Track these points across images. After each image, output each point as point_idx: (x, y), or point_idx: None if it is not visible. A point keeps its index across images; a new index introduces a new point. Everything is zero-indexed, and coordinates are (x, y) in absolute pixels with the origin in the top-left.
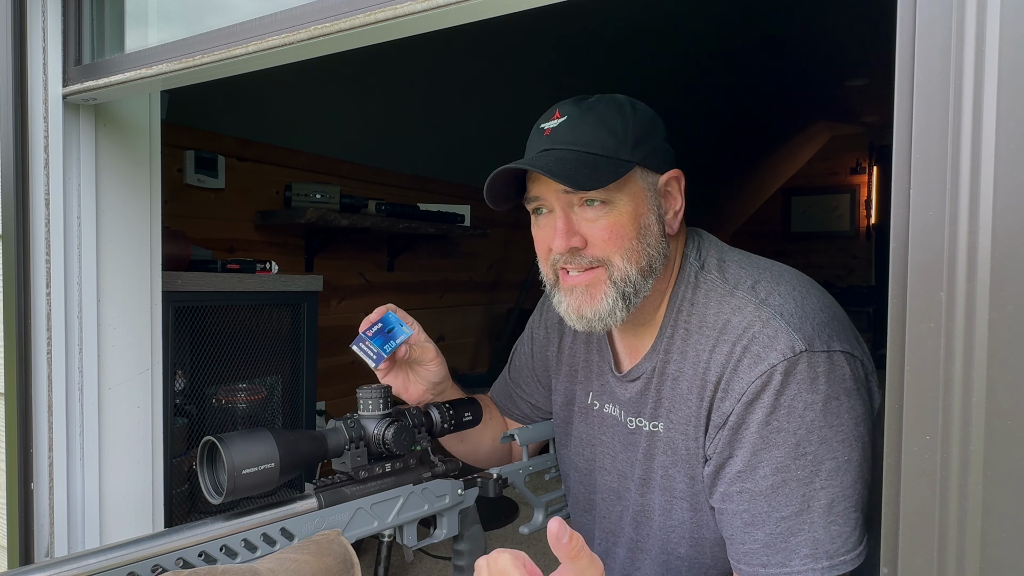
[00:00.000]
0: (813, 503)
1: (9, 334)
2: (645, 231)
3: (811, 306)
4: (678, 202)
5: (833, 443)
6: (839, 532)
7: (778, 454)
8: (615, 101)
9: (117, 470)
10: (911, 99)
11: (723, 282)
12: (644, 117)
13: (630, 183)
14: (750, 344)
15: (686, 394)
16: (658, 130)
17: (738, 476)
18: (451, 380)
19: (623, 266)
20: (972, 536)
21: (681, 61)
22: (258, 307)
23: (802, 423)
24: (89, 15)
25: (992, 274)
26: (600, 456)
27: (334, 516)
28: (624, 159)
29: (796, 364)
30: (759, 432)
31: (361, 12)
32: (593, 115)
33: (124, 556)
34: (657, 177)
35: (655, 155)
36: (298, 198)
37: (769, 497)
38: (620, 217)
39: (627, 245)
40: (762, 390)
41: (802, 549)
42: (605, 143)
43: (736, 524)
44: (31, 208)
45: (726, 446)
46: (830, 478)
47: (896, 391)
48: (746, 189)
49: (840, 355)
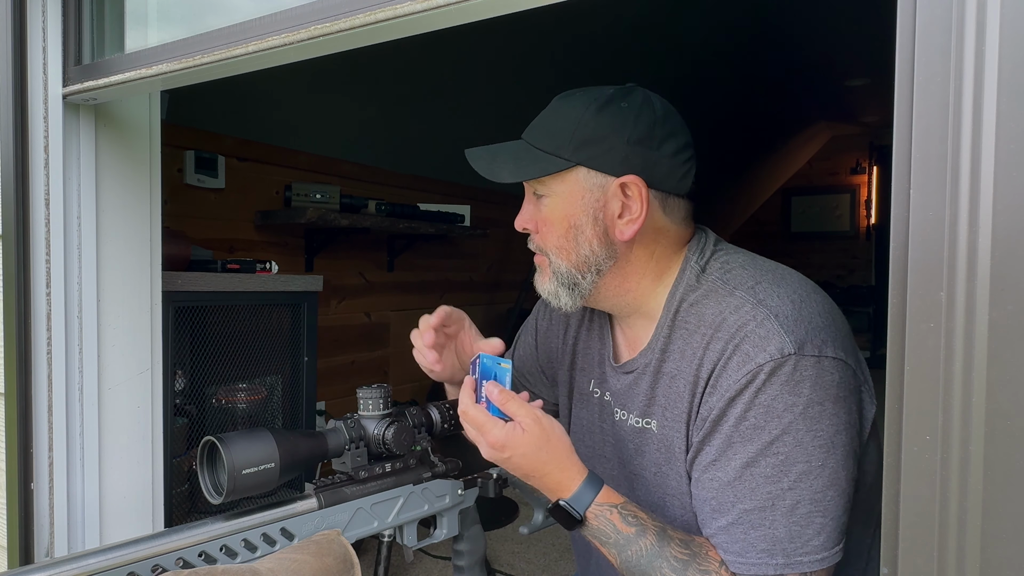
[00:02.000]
0: (778, 502)
1: (9, 334)
2: (576, 232)
3: (809, 310)
4: (633, 209)
5: (809, 447)
6: (800, 533)
7: (750, 448)
8: (594, 96)
9: (117, 470)
10: (911, 99)
11: (724, 283)
12: (612, 117)
13: (568, 181)
14: (741, 343)
15: (682, 391)
16: (627, 131)
17: (711, 464)
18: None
19: (556, 260)
20: (972, 536)
21: (681, 61)
22: (258, 307)
23: (779, 423)
24: (89, 15)
25: (992, 274)
26: (599, 444)
27: (334, 516)
28: (563, 157)
29: (782, 366)
30: (735, 426)
31: (361, 12)
32: (558, 110)
33: (124, 556)
34: (609, 179)
35: (607, 157)
36: (298, 198)
37: (735, 487)
38: (551, 213)
39: (555, 241)
40: (745, 387)
41: (760, 543)
42: (551, 138)
43: (705, 510)
44: (31, 208)
45: (705, 436)
46: (799, 480)
47: (896, 391)
48: (746, 189)
49: (831, 361)
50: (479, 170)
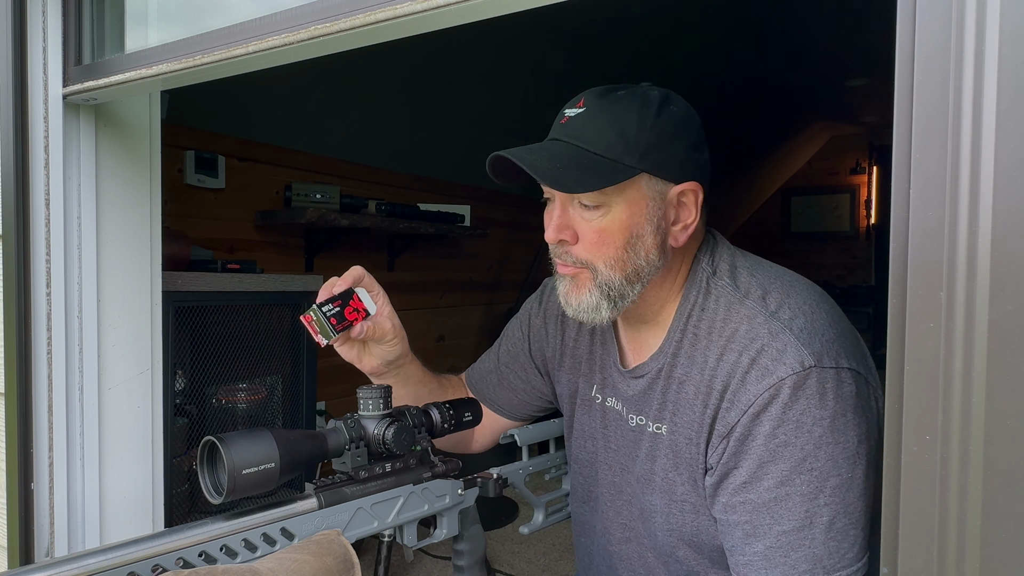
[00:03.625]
0: (816, 519)
1: (9, 334)
2: (636, 241)
3: (821, 321)
4: (691, 215)
5: (839, 460)
6: (838, 548)
7: (783, 467)
8: (641, 99)
9: (117, 470)
10: (911, 99)
11: (734, 289)
12: (669, 121)
13: (631, 189)
14: (758, 356)
15: (691, 399)
16: (685, 136)
17: (742, 487)
18: (411, 355)
19: (606, 272)
20: (972, 536)
21: (681, 60)
22: (258, 307)
23: (810, 438)
24: (89, 15)
25: (992, 274)
26: (601, 450)
27: (334, 516)
28: (628, 164)
29: (806, 379)
30: (765, 444)
31: (361, 12)
32: (610, 112)
33: (124, 556)
34: (669, 186)
35: (669, 163)
36: (298, 198)
37: (771, 509)
38: (612, 223)
39: (612, 253)
40: (770, 403)
41: (801, 564)
42: (612, 144)
43: (737, 535)
44: (31, 208)
45: (731, 457)
46: (834, 495)
47: (896, 391)
48: (746, 189)
49: (847, 372)
50: (540, 177)
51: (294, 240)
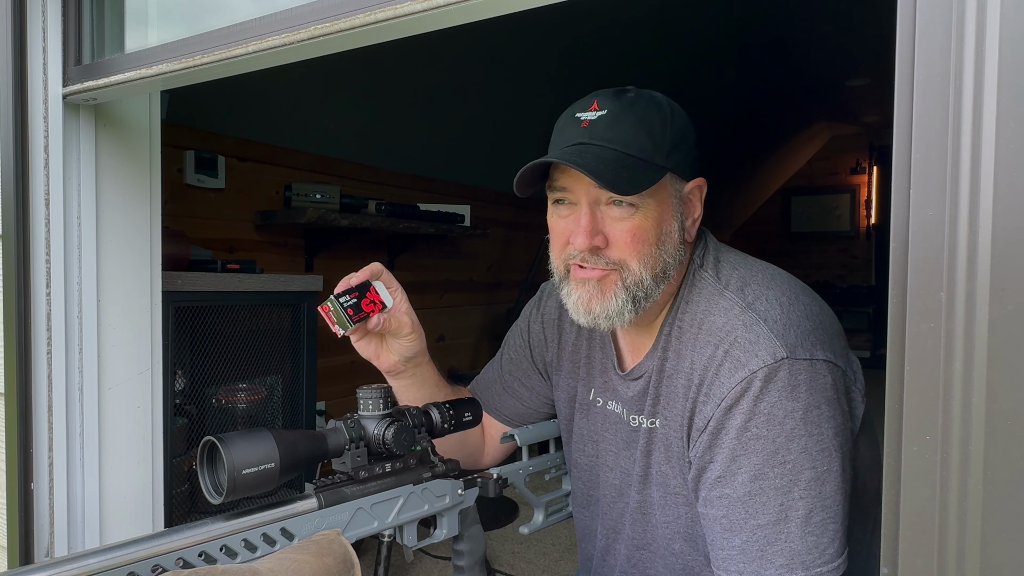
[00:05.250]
0: (791, 512)
1: (9, 334)
2: (666, 237)
3: (797, 313)
4: (697, 210)
5: (813, 452)
6: (816, 543)
7: (756, 460)
8: (655, 100)
9: (117, 470)
10: (911, 99)
11: (715, 280)
12: (681, 121)
13: (660, 188)
14: (731, 348)
15: (677, 390)
16: (691, 134)
17: (717, 481)
18: (428, 356)
19: (638, 271)
20: (972, 536)
21: (681, 61)
22: (258, 307)
23: (781, 430)
24: (89, 15)
25: (992, 274)
26: (603, 453)
27: (334, 516)
28: (659, 164)
29: (777, 371)
30: (738, 438)
31: (361, 12)
32: (633, 114)
33: (124, 556)
34: (683, 184)
35: (686, 161)
36: (298, 198)
37: (746, 504)
38: (645, 222)
39: (646, 251)
40: (741, 396)
41: (778, 559)
42: (643, 146)
43: (716, 529)
44: (31, 208)
45: (706, 451)
46: (809, 488)
47: (896, 391)
48: (746, 189)
49: (822, 364)
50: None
51: (294, 240)
